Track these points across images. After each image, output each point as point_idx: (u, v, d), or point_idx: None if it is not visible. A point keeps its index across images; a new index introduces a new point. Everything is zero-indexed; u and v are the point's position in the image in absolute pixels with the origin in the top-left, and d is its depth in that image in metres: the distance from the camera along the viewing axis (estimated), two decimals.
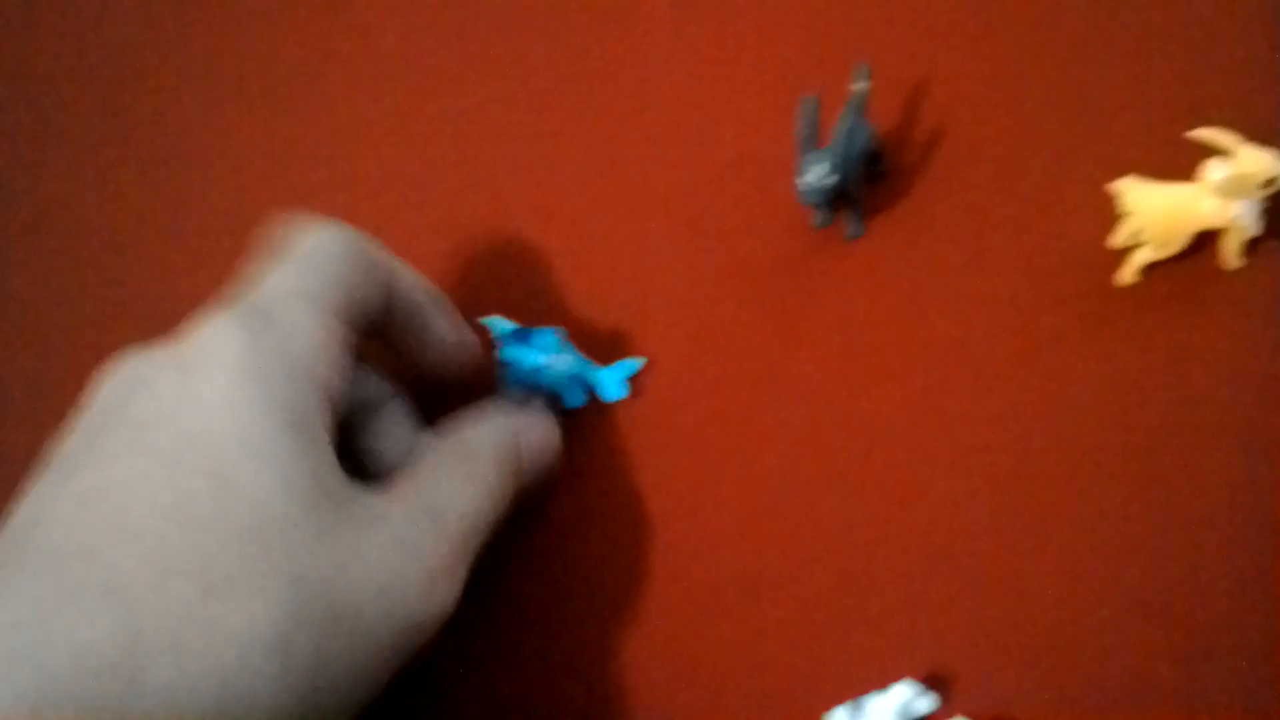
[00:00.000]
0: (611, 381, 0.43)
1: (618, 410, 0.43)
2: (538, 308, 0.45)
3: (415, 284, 0.40)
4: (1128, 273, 0.41)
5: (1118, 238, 0.42)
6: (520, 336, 0.41)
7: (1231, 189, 0.38)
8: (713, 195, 0.47)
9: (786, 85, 0.49)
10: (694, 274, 0.46)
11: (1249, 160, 0.38)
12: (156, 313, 0.42)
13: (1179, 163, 0.40)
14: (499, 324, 0.41)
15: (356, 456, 0.38)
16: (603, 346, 0.44)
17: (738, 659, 0.37)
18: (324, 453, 0.33)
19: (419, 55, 0.55)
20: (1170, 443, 0.38)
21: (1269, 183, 0.38)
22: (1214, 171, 0.39)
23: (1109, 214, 0.41)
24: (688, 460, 0.41)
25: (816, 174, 0.41)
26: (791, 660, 0.37)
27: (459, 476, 0.36)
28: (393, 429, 0.39)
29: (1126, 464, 0.38)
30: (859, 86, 0.44)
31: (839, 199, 0.43)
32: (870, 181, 0.46)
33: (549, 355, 0.41)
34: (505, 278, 0.47)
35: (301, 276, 0.36)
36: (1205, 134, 0.39)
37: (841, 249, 0.45)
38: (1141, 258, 0.41)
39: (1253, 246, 0.41)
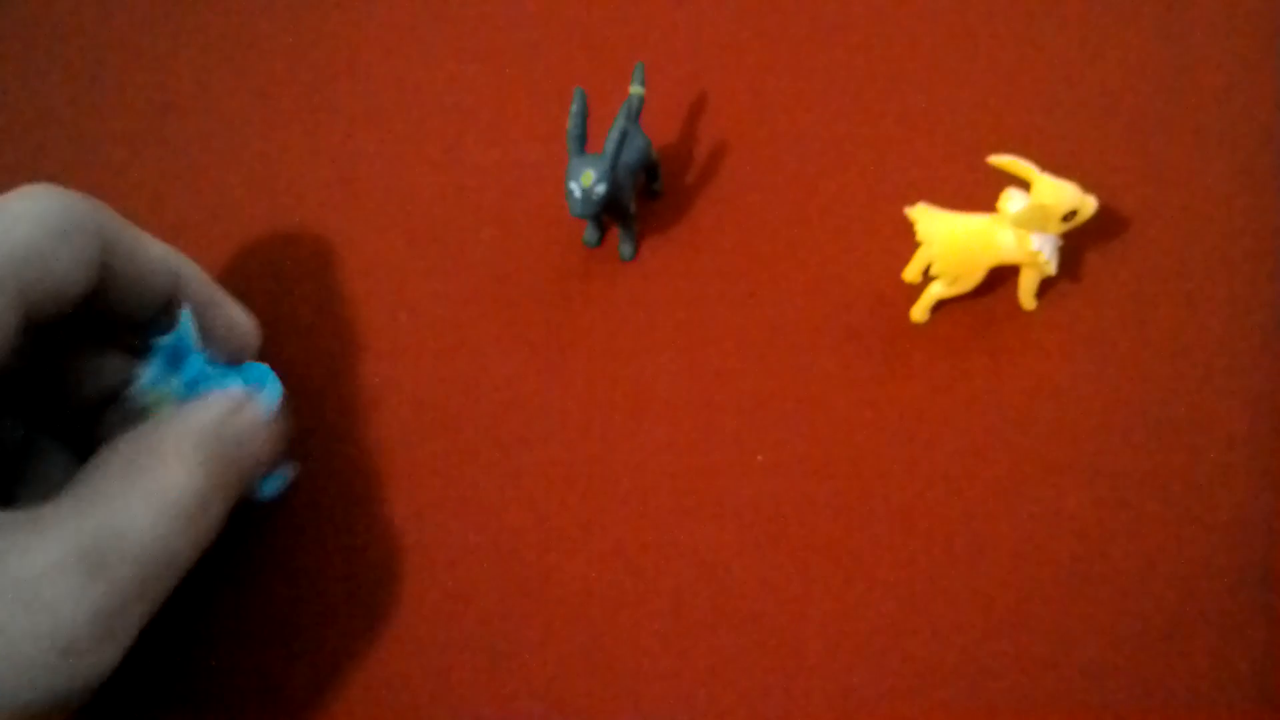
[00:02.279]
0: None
1: (355, 440, 0.36)
2: (269, 320, 0.38)
3: (164, 259, 0.32)
4: (920, 310, 0.38)
5: (910, 270, 0.38)
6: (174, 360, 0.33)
7: (1030, 221, 0.35)
8: (474, 203, 0.42)
9: (562, 87, 0.44)
10: (449, 291, 0.40)
11: (1047, 191, 0.35)
12: None
13: (983, 191, 0.37)
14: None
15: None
16: (343, 370, 0.38)
17: None
18: None
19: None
20: (958, 490, 0.35)
21: (1070, 215, 0.35)
22: (1012, 201, 0.36)
23: (906, 243, 0.37)
24: (427, 502, 0.35)
25: (584, 181, 0.36)
26: None
27: (139, 490, 0.27)
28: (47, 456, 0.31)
29: (911, 513, 0.34)
30: (635, 89, 0.39)
31: (611, 214, 0.38)
32: (646, 198, 0.41)
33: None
34: (234, 281, 0.39)
35: None
36: (1004, 161, 0.36)
37: (614, 270, 0.40)
38: (934, 293, 0.37)
39: (1048, 287, 0.38)
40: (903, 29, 0.45)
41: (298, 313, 0.39)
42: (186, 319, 0.32)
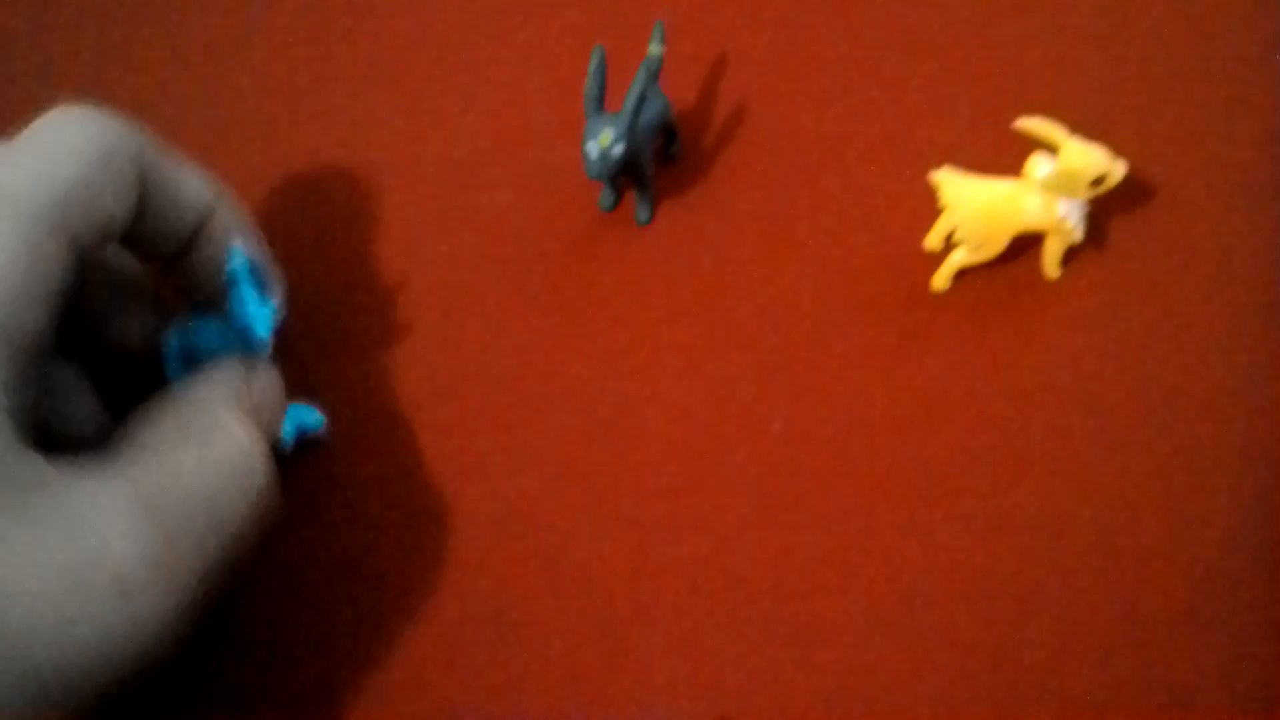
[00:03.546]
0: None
1: (361, 404, 0.36)
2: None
3: (200, 192, 0.31)
4: (942, 277, 0.37)
5: (933, 236, 0.37)
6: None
7: (1058, 186, 0.34)
8: (488, 165, 0.41)
9: (578, 46, 0.43)
10: (463, 254, 0.39)
11: (1075, 155, 0.34)
12: None
13: (1008, 158, 0.36)
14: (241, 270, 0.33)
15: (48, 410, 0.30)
16: (355, 333, 0.37)
17: (489, 706, 0.31)
18: None
19: None
20: (977, 464, 0.34)
21: (1098, 181, 0.35)
22: (1039, 167, 0.35)
23: (929, 210, 0.36)
24: (436, 469, 0.35)
25: (602, 142, 0.35)
26: (553, 707, 0.31)
27: (194, 448, 0.28)
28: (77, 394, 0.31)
29: (928, 487, 0.34)
30: (654, 49, 0.38)
31: (628, 176, 0.37)
32: (663, 162, 0.41)
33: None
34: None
35: (10, 170, 0.27)
36: (1031, 125, 0.35)
37: (630, 234, 0.39)
38: (957, 260, 0.36)
39: (1073, 256, 0.37)
40: None
41: (306, 275, 0.38)
42: (240, 253, 0.32)
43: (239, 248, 0.32)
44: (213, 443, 0.28)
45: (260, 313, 0.32)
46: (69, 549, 0.24)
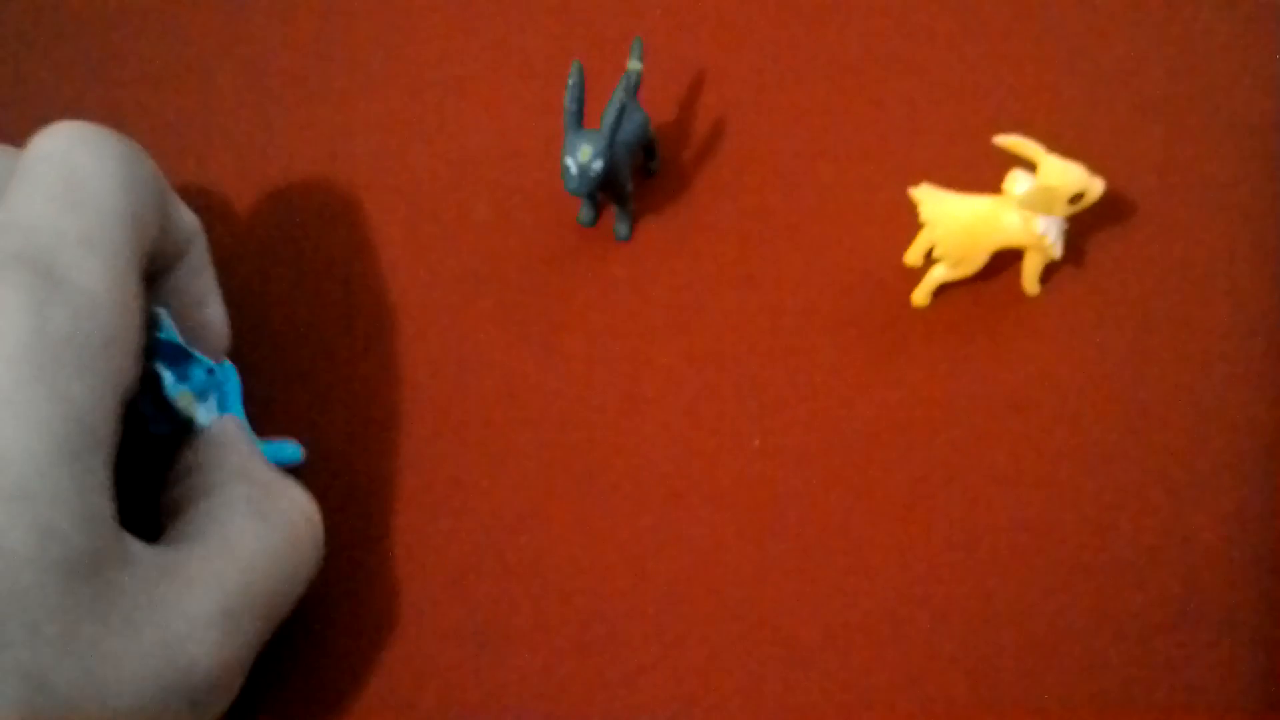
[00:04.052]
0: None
1: (338, 421, 0.35)
2: (245, 316, 0.37)
3: (189, 217, 0.31)
4: (921, 293, 0.37)
5: (912, 253, 0.37)
6: (173, 356, 0.30)
7: (1036, 203, 0.34)
8: (467, 180, 0.41)
9: (557, 62, 0.43)
10: (440, 269, 0.39)
11: (1054, 172, 0.34)
12: None
13: (987, 174, 0.36)
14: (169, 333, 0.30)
15: None
16: (331, 348, 0.37)
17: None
18: (101, 490, 0.23)
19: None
20: (958, 479, 0.34)
21: (1076, 198, 0.35)
22: (1018, 183, 0.35)
23: (908, 227, 0.36)
24: (413, 486, 0.34)
25: (581, 157, 0.35)
26: None
27: (267, 541, 0.28)
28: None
29: (909, 501, 0.34)
30: (633, 65, 0.38)
31: (607, 192, 0.37)
32: (643, 178, 0.40)
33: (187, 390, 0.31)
34: (218, 257, 0.38)
35: (85, 215, 0.25)
36: (1010, 141, 0.35)
37: (609, 250, 0.39)
38: (936, 277, 0.36)
39: (1052, 272, 0.38)
40: (909, 5, 0.45)
41: (282, 291, 0.38)
42: (166, 316, 0.30)
43: (164, 317, 0.30)
44: (287, 527, 0.28)
45: (176, 386, 0.30)
46: (160, 654, 0.24)
